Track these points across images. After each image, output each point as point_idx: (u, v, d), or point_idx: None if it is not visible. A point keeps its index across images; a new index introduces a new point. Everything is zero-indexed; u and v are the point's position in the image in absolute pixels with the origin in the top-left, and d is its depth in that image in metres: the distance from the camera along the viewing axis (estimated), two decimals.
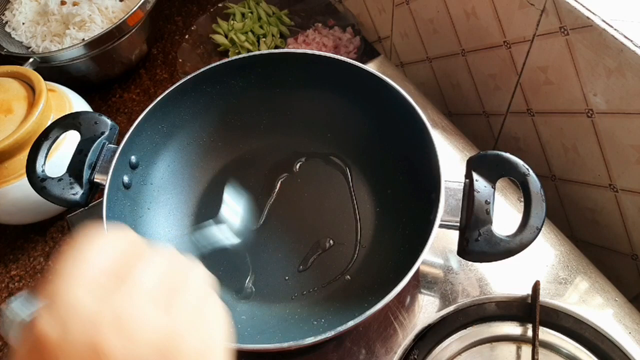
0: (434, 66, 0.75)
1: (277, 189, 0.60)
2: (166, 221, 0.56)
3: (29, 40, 0.86)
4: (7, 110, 0.67)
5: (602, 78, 0.49)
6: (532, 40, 0.55)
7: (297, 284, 0.53)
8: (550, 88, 0.56)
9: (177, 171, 0.59)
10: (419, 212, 0.49)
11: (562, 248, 0.54)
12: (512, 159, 0.47)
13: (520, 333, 0.49)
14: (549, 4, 0.51)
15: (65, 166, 0.52)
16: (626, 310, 0.49)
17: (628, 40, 0.45)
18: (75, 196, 0.51)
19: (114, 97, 0.90)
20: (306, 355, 0.50)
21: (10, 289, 0.72)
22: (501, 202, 0.57)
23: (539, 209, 0.44)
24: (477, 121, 0.71)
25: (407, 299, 0.52)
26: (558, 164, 0.61)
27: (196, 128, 0.60)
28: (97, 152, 0.53)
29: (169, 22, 0.99)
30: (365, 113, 0.58)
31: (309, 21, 0.90)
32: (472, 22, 0.62)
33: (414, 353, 0.48)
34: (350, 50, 0.85)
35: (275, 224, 0.57)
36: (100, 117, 0.55)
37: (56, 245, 0.75)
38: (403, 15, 0.75)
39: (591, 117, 0.53)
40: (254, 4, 0.91)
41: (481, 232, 0.44)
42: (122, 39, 0.81)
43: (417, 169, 0.51)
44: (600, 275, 0.52)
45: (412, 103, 0.51)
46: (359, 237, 0.55)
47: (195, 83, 0.57)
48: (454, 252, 0.46)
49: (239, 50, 0.87)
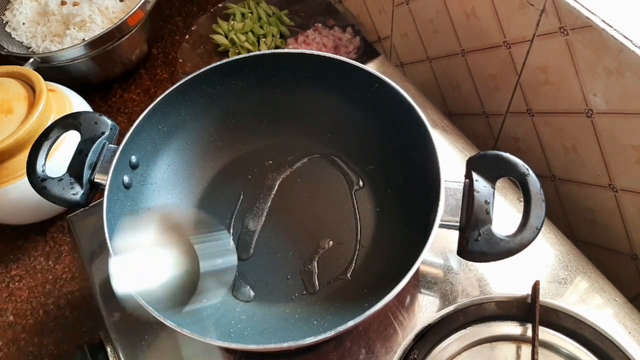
0: (434, 66, 0.75)
1: (277, 188, 0.60)
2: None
3: (29, 40, 0.86)
4: (7, 110, 0.67)
5: (601, 78, 0.49)
6: (532, 40, 0.55)
7: (297, 283, 0.53)
8: (550, 88, 0.57)
9: (178, 171, 0.59)
10: (419, 212, 0.49)
11: (562, 248, 0.54)
12: (511, 159, 0.47)
13: (520, 333, 0.49)
14: (549, 4, 0.51)
15: (66, 166, 0.52)
16: (626, 310, 0.50)
17: (628, 40, 0.45)
18: (75, 196, 0.51)
19: (114, 97, 0.90)
20: (306, 355, 0.50)
21: (11, 289, 0.72)
22: (501, 202, 0.57)
23: (539, 209, 0.44)
24: (477, 121, 0.71)
25: (407, 298, 0.52)
26: (558, 164, 0.61)
27: (196, 128, 0.60)
28: (97, 152, 0.53)
29: (169, 22, 1.00)
30: (365, 113, 0.58)
31: (309, 21, 0.90)
32: (472, 22, 0.62)
33: (413, 353, 0.48)
34: (350, 51, 0.85)
35: (275, 224, 0.57)
36: (100, 117, 0.55)
37: (56, 245, 0.76)
38: (403, 16, 0.75)
39: (591, 117, 0.53)
40: (254, 4, 0.91)
41: (481, 232, 0.44)
42: (123, 39, 0.81)
43: (417, 169, 0.51)
44: (600, 275, 0.52)
45: (412, 103, 0.51)
46: (359, 237, 0.55)
47: (196, 83, 0.57)
48: (454, 252, 0.46)
49: (239, 51, 0.87)
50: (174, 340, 0.52)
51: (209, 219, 0.58)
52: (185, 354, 0.51)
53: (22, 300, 0.71)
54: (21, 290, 0.72)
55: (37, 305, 0.70)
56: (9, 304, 0.71)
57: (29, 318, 0.70)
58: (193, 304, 0.50)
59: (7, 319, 0.70)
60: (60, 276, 0.72)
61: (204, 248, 0.56)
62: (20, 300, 0.71)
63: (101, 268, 0.57)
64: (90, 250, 0.59)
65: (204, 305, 0.50)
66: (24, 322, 0.69)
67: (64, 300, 0.70)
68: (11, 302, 0.71)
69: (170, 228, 0.56)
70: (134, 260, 0.48)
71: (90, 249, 0.59)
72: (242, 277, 0.54)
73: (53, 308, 0.70)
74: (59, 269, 0.73)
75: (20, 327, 0.69)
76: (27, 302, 0.71)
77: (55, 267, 0.73)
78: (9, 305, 0.71)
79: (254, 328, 0.49)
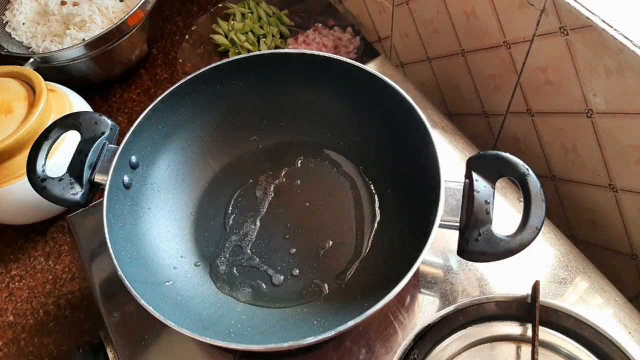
0: (434, 66, 0.75)
1: (277, 189, 0.60)
2: (166, 221, 0.56)
3: (30, 40, 0.86)
4: (8, 110, 0.67)
5: (601, 78, 0.49)
6: (532, 40, 0.55)
7: (297, 283, 0.53)
8: (550, 88, 0.57)
9: (178, 171, 0.59)
10: (418, 212, 0.49)
11: (562, 248, 0.54)
12: (511, 159, 0.47)
13: (520, 333, 0.49)
14: (549, 4, 0.51)
15: (66, 166, 0.52)
16: (626, 310, 0.50)
17: (628, 40, 0.45)
18: (75, 196, 0.51)
19: (114, 97, 0.90)
20: (306, 355, 0.50)
21: (11, 289, 0.72)
22: (501, 202, 0.57)
23: (539, 209, 0.44)
24: (477, 121, 0.71)
25: (407, 298, 0.52)
26: (558, 164, 0.61)
27: (196, 128, 0.60)
28: (97, 152, 0.53)
29: (169, 22, 1.00)
30: (365, 113, 0.58)
31: (309, 21, 0.90)
32: (472, 22, 0.62)
33: (413, 353, 0.48)
34: (350, 51, 0.85)
35: (275, 224, 0.57)
36: (100, 117, 0.55)
37: (56, 245, 0.76)
38: (403, 16, 0.75)
39: (591, 117, 0.53)
40: (254, 4, 0.91)
41: (481, 232, 0.44)
42: (123, 39, 0.81)
43: (417, 169, 0.51)
44: (600, 275, 0.52)
45: (412, 103, 0.51)
46: (358, 237, 0.55)
47: (196, 83, 0.57)
48: (454, 252, 0.46)
49: (239, 51, 0.87)
50: (174, 340, 0.52)
51: (209, 219, 0.58)
52: (185, 354, 0.51)
53: (22, 300, 0.71)
54: (21, 290, 0.72)
55: (37, 305, 0.70)
56: (9, 304, 0.71)
57: (29, 318, 0.70)
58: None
59: (7, 319, 0.70)
60: (60, 276, 0.72)
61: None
62: (20, 300, 0.71)
63: (101, 268, 0.57)
64: (90, 250, 0.59)
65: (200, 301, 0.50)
66: (24, 322, 0.69)
67: (64, 300, 0.70)
68: (11, 302, 0.71)
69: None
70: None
71: (90, 249, 0.59)
72: (242, 277, 0.54)
73: (53, 308, 0.70)
74: (59, 269, 0.73)
75: (20, 327, 0.69)
76: (27, 302, 0.71)
77: (55, 267, 0.73)
78: (9, 305, 0.71)
79: (254, 328, 0.49)
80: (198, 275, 0.54)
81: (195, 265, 0.55)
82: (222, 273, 0.54)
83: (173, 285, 0.51)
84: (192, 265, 0.55)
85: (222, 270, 0.54)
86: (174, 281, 0.52)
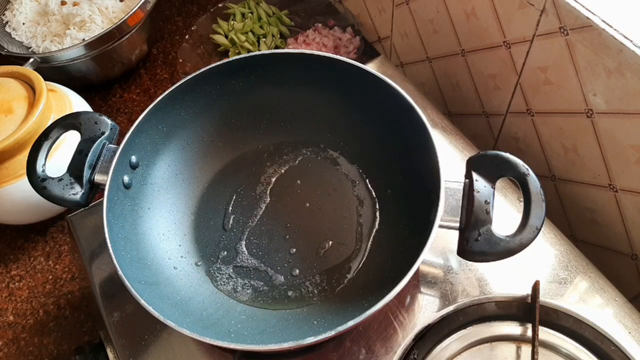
0: (434, 66, 0.75)
1: (277, 189, 0.60)
2: (166, 221, 0.56)
3: (29, 40, 0.86)
4: (7, 110, 0.67)
5: (601, 78, 0.49)
6: (532, 40, 0.55)
7: (297, 283, 0.53)
8: (549, 88, 0.57)
9: (178, 171, 0.59)
10: (418, 212, 0.49)
11: (562, 248, 0.54)
12: (511, 159, 0.47)
13: (520, 333, 0.49)
14: (549, 4, 0.51)
15: (66, 166, 0.52)
16: (626, 310, 0.50)
17: (628, 40, 0.45)
18: (75, 196, 0.51)
19: (114, 97, 0.90)
20: (306, 355, 0.50)
21: (11, 289, 0.72)
22: (501, 202, 0.57)
23: (539, 209, 0.44)
24: (477, 121, 0.71)
25: (407, 298, 0.52)
26: (558, 164, 0.61)
27: (196, 128, 0.60)
28: (97, 152, 0.53)
29: (169, 22, 1.00)
30: (365, 113, 0.58)
31: (309, 21, 0.90)
32: (472, 22, 0.62)
33: (413, 353, 0.48)
34: (350, 51, 0.85)
35: (275, 224, 0.57)
36: (100, 117, 0.55)
37: (56, 245, 0.76)
38: (403, 16, 0.75)
39: (591, 117, 0.53)
40: (254, 4, 0.91)
41: (481, 232, 0.44)
42: (123, 39, 0.81)
43: (417, 169, 0.51)
44: (600, 275, 0.52)
45: (412, 103, 0.51)
46: (358, 237, 0.55)
47: (196, 83, 0.57)
48: (454, 252, 0.46)
49: (239, 51, 0.87)
50: (174, 340, 0.52)
51: (209, 219, 0.58)
52: (185, 354, 0.51)
53: (22, 300, 0.71)
54: (21, 290, 0.72)
55: (37, 305, 0.70)
56: (9, 304, 0.71)
57: (29, 318, 0.70)
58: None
59: (7, 319, 0.70)
60: (60, 276, 0.72)
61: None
62: (20, 300, 0.71)
63: (101, 268, 0.57)
64: (90, 250, 0.59)
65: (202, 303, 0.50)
66: (24, 322, 0.69)
67: (64, 300, 0.70)
68: (11, 302, 0.71)
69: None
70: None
71: (90, 249, 0.59)
72: (242, 277, 0.54)
73: (53, 308, 0.70)
74: (59, 269, 0.73)
75: (20, 327, 0.69)
76: (27, 302, 0.71)
77: (55, 267, 0.73)
78: (9, 305, 0.71)
79: (254, 328, 0.49)
80: (198, 275, 0.54)
81: (195, 265, 0.55)
82: (222, 273, 0.54)
83: (173, 285, 0.51)
84: (192, 265, 0.55)
85: (222, 270, 0.54)
86: (174, 281, 0.52)
